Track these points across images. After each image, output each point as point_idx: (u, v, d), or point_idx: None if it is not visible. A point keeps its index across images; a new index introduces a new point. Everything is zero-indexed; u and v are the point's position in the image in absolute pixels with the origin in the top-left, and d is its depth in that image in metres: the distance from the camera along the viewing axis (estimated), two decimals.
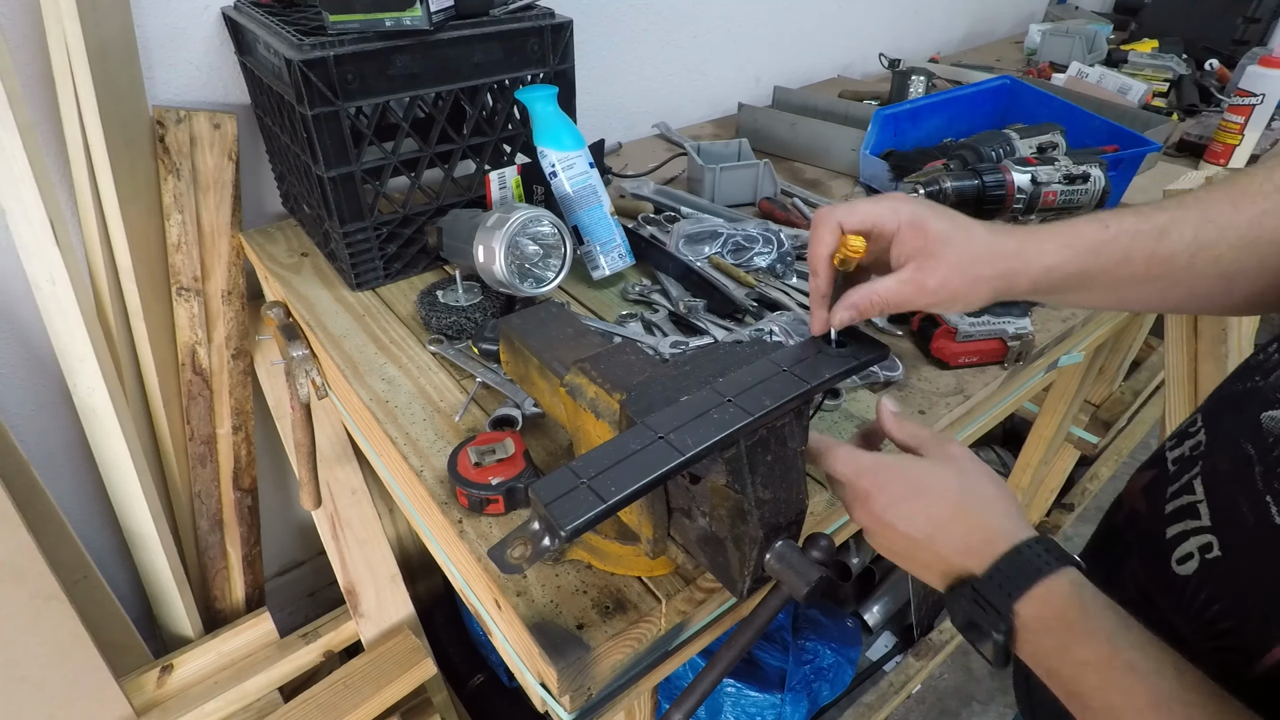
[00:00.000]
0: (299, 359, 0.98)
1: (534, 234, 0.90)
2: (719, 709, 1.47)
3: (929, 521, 0.49)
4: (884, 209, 0.54)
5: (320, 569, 1.61)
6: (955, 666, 1.84)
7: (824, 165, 1.43)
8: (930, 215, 0.53)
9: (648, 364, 0.57)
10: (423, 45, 0.90)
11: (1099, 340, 1.24)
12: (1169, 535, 0.50)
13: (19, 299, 1.04)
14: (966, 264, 0.52)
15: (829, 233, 0.55)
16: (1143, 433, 2.19)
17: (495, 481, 0.66)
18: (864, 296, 0.55)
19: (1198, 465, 0.51)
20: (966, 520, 0.48)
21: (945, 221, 0.53)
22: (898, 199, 0.55)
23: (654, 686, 0.72)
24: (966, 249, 0.52)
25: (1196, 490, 0.50)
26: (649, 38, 1.55)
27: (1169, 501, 0.52)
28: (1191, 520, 0.49)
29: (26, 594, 0.96)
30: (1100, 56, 1.94)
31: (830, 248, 0.55)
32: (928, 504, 0.49)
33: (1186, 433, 0.55)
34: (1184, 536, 0.49)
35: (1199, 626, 0.46)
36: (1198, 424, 0.54)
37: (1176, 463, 0.54)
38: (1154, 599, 0.51)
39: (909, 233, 0.53)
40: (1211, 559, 0.46)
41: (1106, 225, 0.52)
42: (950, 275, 0.52)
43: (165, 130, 1.04)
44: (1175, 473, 0.53)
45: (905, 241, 0.53)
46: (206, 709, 1.12)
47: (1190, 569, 0.47)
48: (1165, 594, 0.50)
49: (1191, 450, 0.53)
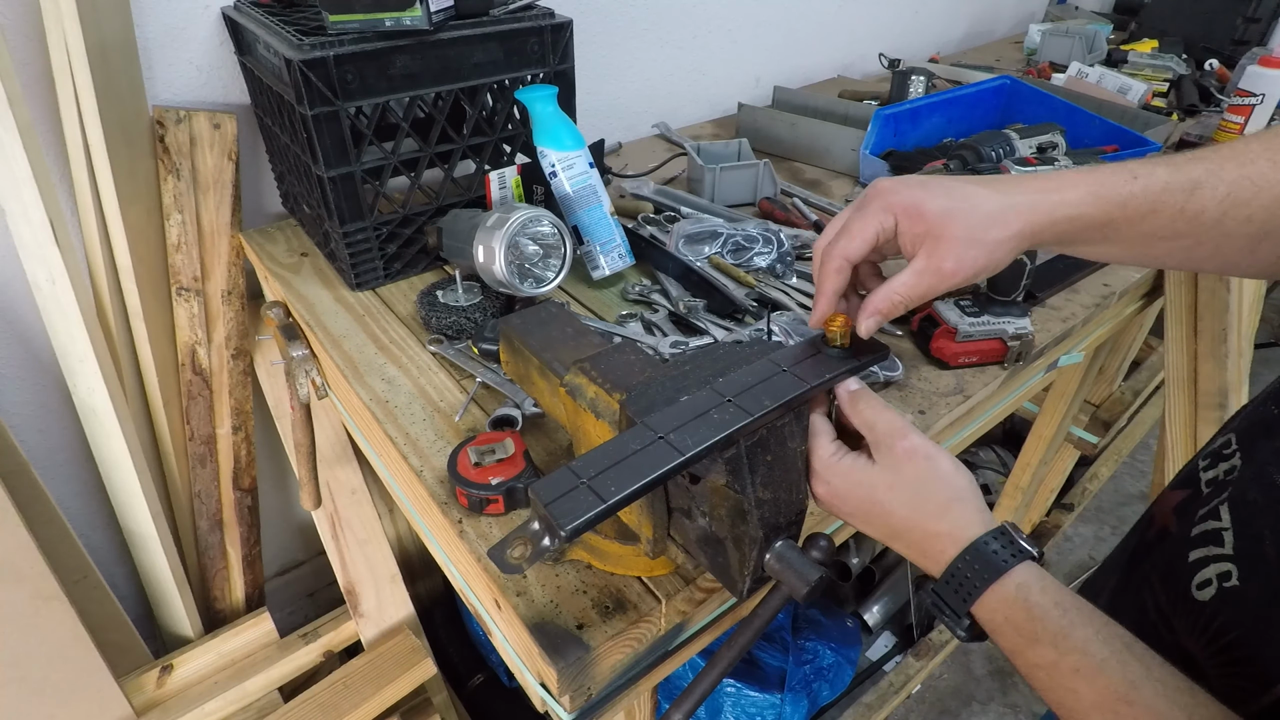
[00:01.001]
0: (299, 359, 0.98)
1: (534, 234, 0.90)
2: (719, 709, 1.47)
3: (888, 530, 0.51)
4: (876, 214, 0.52)
5: (320, 569, 1.61)
6: (955, 666, 1.84)
7: (824, 165, 1.43)
8: (925, 196, 0.50)
9: (648, 364, 0.57)
10: (423, 45, 0.90)
11: (1099, 340, 1.24)
12: (1191, 559, 0.50)
13: (19, 299, 1.04)
14: (979, 234, 0.50)
15: (838, 274, 0.53)
16: (1143, 433, 2.19)
17: (495, 481, 0.66)
18: (884, 299, 0.53)
19: (1227, 491, 0.50)
20: (921, 528, 0.49)
21: (943, 197, 0.50)
22: (884, 192, 0.52)
23: (654, 686, 0.72)
24: (973, 218, 0.49)
25: (1223, 516, 0.49)
26: (649, 38, 1.55)
27: (1196, 525, 0.51)
28: (1215, 546, 0.48)
29: (26, 594, 0.96)
30: (1100, 56, 1.94)
31: (841, 287, 0.54)
32: (882, 515, 0.51)
33: (1221, 454, 0.54)
34: (1205, 562, 0.48)
35: (1214, 652, 0.46)
36: (1232, 446, 0.53)
37: (1210, 485, 0.53)
38: (1172, 621, 0.50)
39: (907, 222, 0.51)
40: (1229, 588, 0.46)
41: (1135, 175, 0.49)
42: (965, 252, 0.50)
43: (165, 130, 1.04)
44: (1208, 495, 0.52)
45: (907, 232, 0.51)
46: (206, 709, 1.12)
47: (1208, 595, 0.47)
48: (1183, 617, 0.49)
49: (1226, 474, 0.52)
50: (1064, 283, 1.03)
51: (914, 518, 0.49)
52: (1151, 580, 0.55)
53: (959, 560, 0.47)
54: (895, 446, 0.51)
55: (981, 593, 0.45)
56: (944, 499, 0.49)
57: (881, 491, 0.50)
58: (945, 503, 0.49)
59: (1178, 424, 1.40)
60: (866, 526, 0.53)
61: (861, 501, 0.51)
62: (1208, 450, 0.56)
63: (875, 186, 0.53)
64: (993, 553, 0.46)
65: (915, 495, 0.49)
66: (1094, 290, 1.04)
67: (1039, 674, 0.43)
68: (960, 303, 0.89)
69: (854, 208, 0.54)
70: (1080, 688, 0.41)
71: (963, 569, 0.46)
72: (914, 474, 0.50)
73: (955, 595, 0.47)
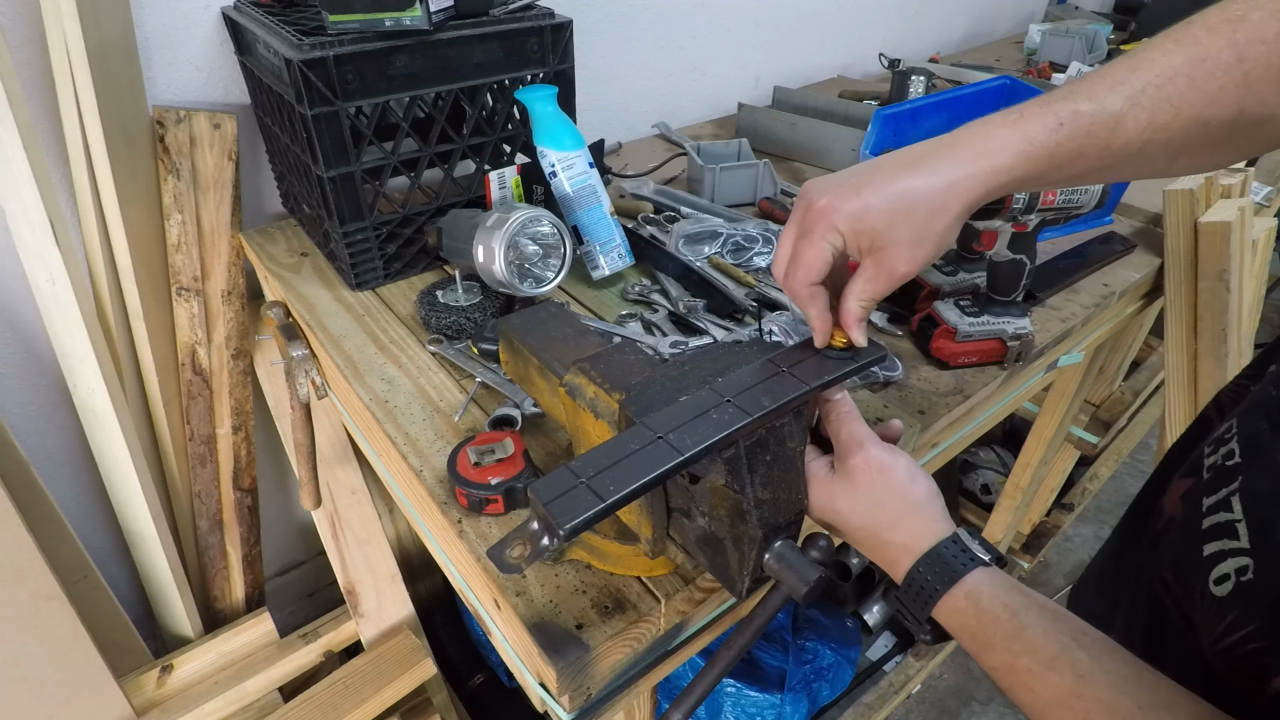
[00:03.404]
0: (299, 359, 0.98)
1: (534, 234, 0.90)
2: (719, 709, 1.47)
3: (854, 539, 0.53)
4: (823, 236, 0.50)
5: (320, 569, 1.61)
6: (955, 666, 1.84)
7: (824, 165, 1.43)
8: (864, 205, 0.49)
9: (647, 364, 0.57)
10: (422, 45, 0.90)
11: (1099, 340, 1.24)
12: (1206, 553, 0.50)
13: (19, 299, 1.04)
14: (923, 232, 0.49)
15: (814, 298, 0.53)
16: (1142, 433, 2.19)
17: (495, 481, 0.66)
18: (855, 309, 0.53)
19: (1236, 480, 0.50)
20: (876, 537, 0.51)
21: (882, 201, 0.49)
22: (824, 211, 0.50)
23: (653, 686, 0.72)
24: (915, 217, 0.48)
25: (1235, 508, 0.49)
26: (649, 38, 1.55)
27: (1206, 516, 0.51)
28: (1230, 540, 0.48)
29: (26, 594, 0.96)
30: (1100, 56, 1.94)
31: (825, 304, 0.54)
32: (841, 524, 0.53)
33: (1222, 439, 0.54)
34: (1221, 556, 0.48)
35: (1227, 649, 0.46)
36: (1232, 430, 0.53)
37: (1211, 470, 0.53)
38: (1191, 618, 0.50)
39: (854, 238, 0.50)
40: (1246, 581, 0.46)
41: (1060, 123, 0.47)
42: (914, 252, 0.49)
43: (165, 130, 1.04)
44: (1210, 482, 0.52)
45: (853, 245, 0.51)
46: (206, 709, 1.12)
47: (1226, 590, 0.47)
48: (1202, 613, 0.49)
49: (1225, 459, 0.52)
50: (1064, 283, 1.03)
51: (868, 527, 0.51)
52: (1163, 576, 0.55)
53: (914, 569, 0.49)
54: (851, 458, 0.52)
55: (937, 600, 0.47)
56: (897, 510, 0.50)
57: (840, 501, 0.52)
58: (898, 514, 0.50)
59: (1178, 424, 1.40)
60: (833, 532, 0.55)
61: (823, 509, 0.54)
62: (1213, 437, 0.56)
63: (810, 201, 0.51)
64: (944, 562, 0.47)
65: (870, 506, 0.51)
66: (1094, 290, 1.04)
67: (998, 676, 0.45)
68: (960, 303, 0.89)
69: (796, 228, 0.53)
70: (1035, 686, 0.42)
71: (919, 578, 0.48)
72: (868, 485, 0.51)
73: (915, 602, 0.49)
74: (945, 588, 0.47)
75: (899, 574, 0.50)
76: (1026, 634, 0.43)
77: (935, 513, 0.51)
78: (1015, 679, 0.43)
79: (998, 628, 0.44)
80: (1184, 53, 0.45)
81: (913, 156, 0.50)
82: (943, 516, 0.51)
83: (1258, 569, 0.45)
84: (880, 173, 0.50)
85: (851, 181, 0.50)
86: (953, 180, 0.48)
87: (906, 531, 0.50)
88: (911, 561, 0.49)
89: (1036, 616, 0.44)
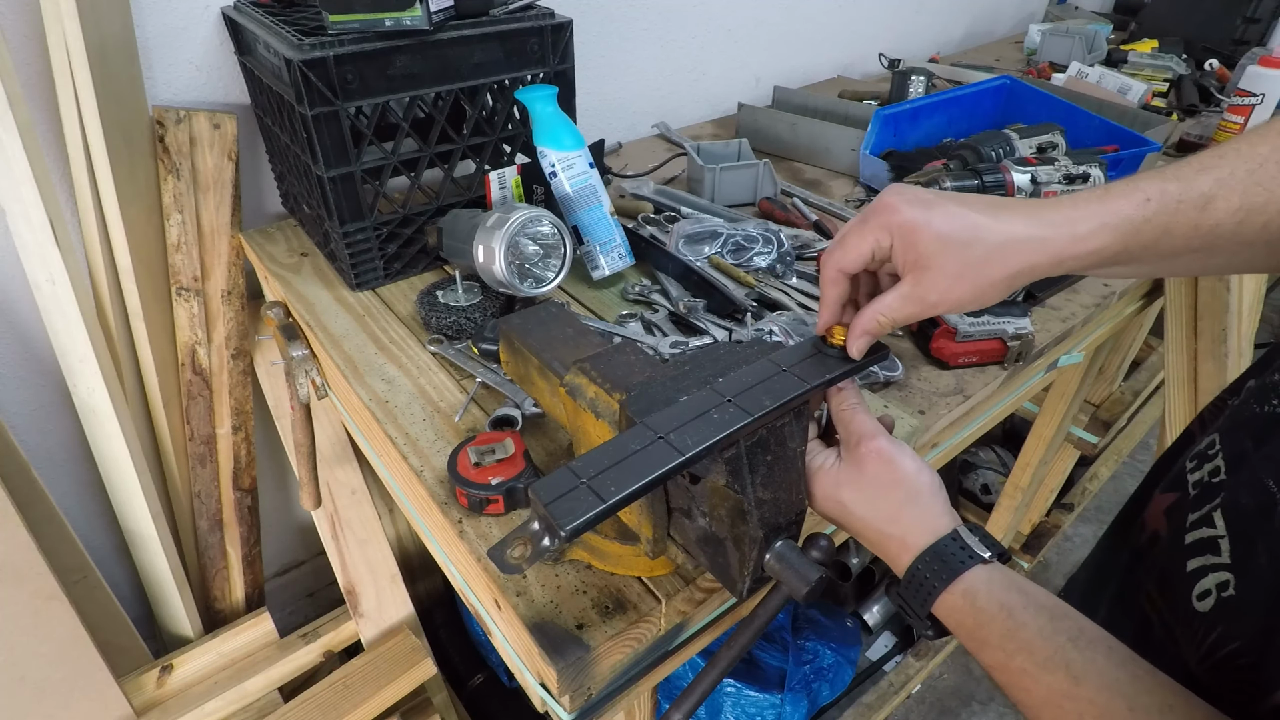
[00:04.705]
0: (299, 359, 0.98)
1: (534, 234, 0.90)
2: (719, 709, 1.47)
3: (852, 530, 0.53)
4: (874, 231, 0.50)
5: (320, 569, 1.61)
6: (955, 666, 1.84)
7: (824, 165, 1.43)
8: (924, 220, 0.48)
9: (648, 364, 0.57)
10: (422, 45, 0.90)
11: (1099, 340, 1.24)
12: (1189, 569, 0.50)
13: (19, 299, 1.04)
14: (971, 270, 0.48)
15: (834, 285, 0.54)
16: (1142, 433, 2.19)
17: (495, 481, 0.66)
18: (870, 319, 0.53)
19: (1219, 496, 0.50)
20: (878, 530, 0.51)
21: (944, 223, 0.48)
22: (886, 208, 0.50)
23: (654, 686, 0.72)
24: (970, 253, 0.48)
25: (1217, 524, 0.49)
26: (649, 38, 1.55)
27: (1189, 531, 0.51)
28: (1213, 555, 0.48)
29: (26, 594, 0.96)
30: (1100, 56, 1.94)
31: (840, 296, 0.54)
32: (844, 515, 0.53)
33: (1205, 454, 0.54)
34: (1204, 572, 0.48)
35: (1215, 663, 0.46)
36: (1216, 447, 0.53)
37: (1197, 487, 0.53)
38: (1174, 632, 0.50)
39: (902, 245, 0.50)
40: (1227, 597, 0.46)
41: (1148, 199, 0.46)
42: (952, 286, 0.49)
43: (165, 130, 1.04)
44: (1195, 498, 0.52)
45: (899, 254, 0.50)
46: (206, 709, 1.12)
47: (1208, 606, 0.47)
48: (1185, 627, 0.49)
49: (1210, 475, 0.52)
50: (1064, 283, 1.03)
51: (870, 519, 0.52)
52: (1149, 590, 0.55)
53: (914, 565, 0.49)
54: (860, 447, 0.52)
55: (936, 597, 0.47)
56: (899, 502, 0.51)
57: (845, 491, 0.52)
58: (900, 505, 0.51)
59: (1178, 424, 1.40)
60: (836, 524, 0.55)
61: (827, 499, 0.54)
62: (1194, 452, 0.56)
63: (882, 199, 0.51)
64: (943, 559, 0.48)
65: (874, 497, 0.51)
66: (1094, 290, 1.04)
67: (995, 674, 0.45)
68: None
69: (858, 218, 0.53)
70: (1029, 686, 0.43)
71: (918, 573, 0.48)
72: (873, 475, 0.51)
73: (915, 598, 0.49)
74: (944, 585, 0.47)
75: (900, 567, 0.50)
76: (1022, 633, 0.43)
77: (938, 506, 0.51)
78: (1010, 678, 0.44)
79: (993, 627, 0.44)
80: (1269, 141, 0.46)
81: (1001, 202, 0.50)
82: (945, 511, 0.51)
83: (1239, 584, 0.45)
84: (961, 202, 0.49)
85: (929, 197, 0.50)
86: (1025, 237, 0.47)
87: (906, 525, 0.50)
88: (912, 557, 0.49)
89: (1034, 616, 0.44)
